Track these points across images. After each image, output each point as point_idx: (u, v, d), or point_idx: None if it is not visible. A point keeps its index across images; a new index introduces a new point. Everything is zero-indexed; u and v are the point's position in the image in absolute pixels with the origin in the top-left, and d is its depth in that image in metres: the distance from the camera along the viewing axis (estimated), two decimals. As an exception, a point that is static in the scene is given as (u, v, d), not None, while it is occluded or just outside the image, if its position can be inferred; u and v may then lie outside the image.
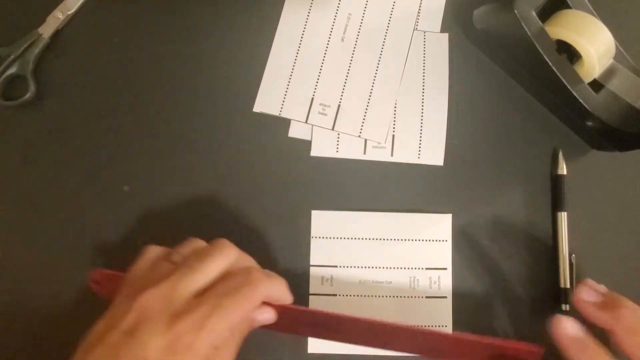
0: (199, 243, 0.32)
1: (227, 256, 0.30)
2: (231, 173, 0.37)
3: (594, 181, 0.38)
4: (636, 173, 0.38)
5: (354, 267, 0.37)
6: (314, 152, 0.38)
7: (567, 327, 0.29)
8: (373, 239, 0.37)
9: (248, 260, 0.32)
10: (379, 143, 0.38)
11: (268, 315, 0.31)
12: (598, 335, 0.29)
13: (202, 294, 0.28)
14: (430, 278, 0.36)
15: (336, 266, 0.37)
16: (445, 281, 0.36)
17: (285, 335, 0.35)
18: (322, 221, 0.37)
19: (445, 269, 0.37)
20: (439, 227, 0.37)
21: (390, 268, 0.36)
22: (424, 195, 0.37)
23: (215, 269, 0.29)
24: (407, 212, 0.37)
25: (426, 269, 0.36)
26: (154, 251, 0.31)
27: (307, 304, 0.36)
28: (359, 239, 0.37)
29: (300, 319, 0.32)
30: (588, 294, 0.31)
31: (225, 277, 0.29)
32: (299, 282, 0.36)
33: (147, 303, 0.27)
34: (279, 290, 0.31)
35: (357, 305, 0.36)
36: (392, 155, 0.38)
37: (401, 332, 0.31)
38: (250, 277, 0.29)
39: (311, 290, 0.36)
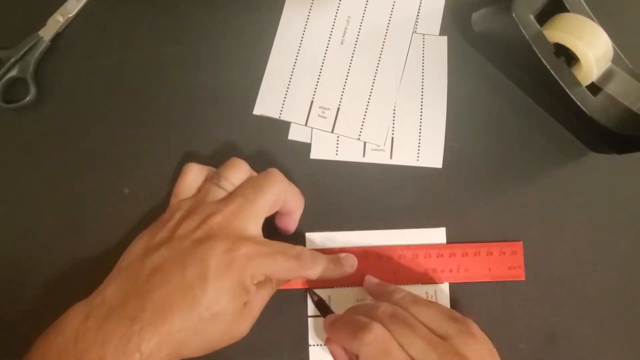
0: (244, 168, 0.34)
1: (277, 188, 0.33)
2: (231, 175, 0.37)
3: (592, 184, 0.38)
4: (634, 176, 0.38)
5: (351, 286, 0.36)
6: (314, 155, 0.38)
7: (368, 280, 0.36)
8: None
9: (296, 192, 0.35)
10: (378, 146, 0.38)
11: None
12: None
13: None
14: (426, 293, 0.36)
15: (332, 287, 0.36)
16: (442, 294, 0.36)
17: (285, 334, 0.36)
18: (317, 243, 0.37)
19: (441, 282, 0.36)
20: (433, 241, 0.37)
21: None
22: (422, 198, 0.38)
23: (269, 202, 0.32)
24: (401, 229, 0.37)
25: (422, 284, 0.36)
26: (197, 170, 0.34)
27: (305, 324, 0.36)
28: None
29: None
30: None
31: None
32: (297, 306, 0.36)
33: (215, 224, 0.31)
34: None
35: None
36: (391, 157, 0.38)
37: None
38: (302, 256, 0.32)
39: (309, 312, 0.36)
